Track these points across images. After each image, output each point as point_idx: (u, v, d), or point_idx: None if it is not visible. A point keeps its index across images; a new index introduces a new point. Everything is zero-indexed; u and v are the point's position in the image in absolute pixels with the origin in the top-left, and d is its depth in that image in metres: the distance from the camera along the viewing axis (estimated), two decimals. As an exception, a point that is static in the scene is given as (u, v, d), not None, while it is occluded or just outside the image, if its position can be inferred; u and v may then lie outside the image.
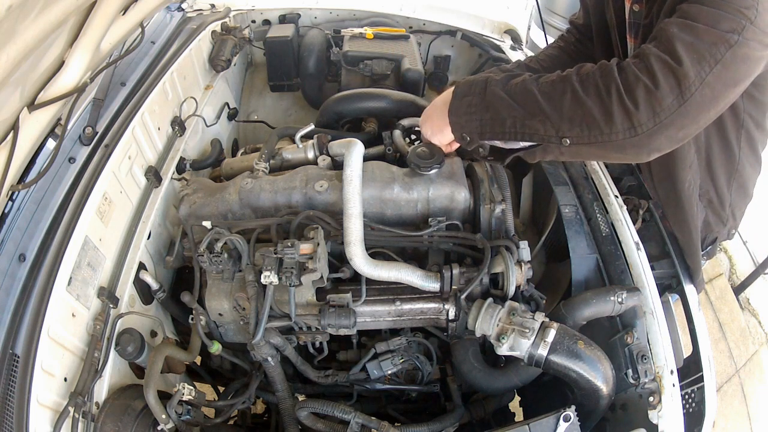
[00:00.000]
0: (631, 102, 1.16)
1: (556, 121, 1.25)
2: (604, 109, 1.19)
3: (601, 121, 1.20)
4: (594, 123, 1.21)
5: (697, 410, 1.53)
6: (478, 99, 1.37)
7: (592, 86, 1.20)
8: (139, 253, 1.69)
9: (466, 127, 1.42)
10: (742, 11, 1.18)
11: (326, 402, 1.56)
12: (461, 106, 1.42)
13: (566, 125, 1.24)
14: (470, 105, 1.39)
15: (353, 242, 1.54)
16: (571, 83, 1.22)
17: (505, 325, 1.44)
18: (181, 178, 2.00)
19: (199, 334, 1.60)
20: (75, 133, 1.67)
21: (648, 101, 1.16)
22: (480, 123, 1.37)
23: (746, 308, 4.12)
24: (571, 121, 1.24)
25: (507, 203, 1.70)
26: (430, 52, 2.98)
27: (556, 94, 1.23)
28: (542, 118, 1.26)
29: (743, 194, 1.82)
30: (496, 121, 1.34)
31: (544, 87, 1.26)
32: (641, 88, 1.16)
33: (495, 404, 1.78)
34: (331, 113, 2.21)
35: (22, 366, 1.22)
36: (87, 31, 1.39)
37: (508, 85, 1.34)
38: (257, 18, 2.98)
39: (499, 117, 1.33)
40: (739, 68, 1.21)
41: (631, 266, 1.65)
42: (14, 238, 1.40)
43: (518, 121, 1.31)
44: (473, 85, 1.41)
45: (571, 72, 1.26)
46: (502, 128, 1.35)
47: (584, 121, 1.22)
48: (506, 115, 1.32)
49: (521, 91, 1.29)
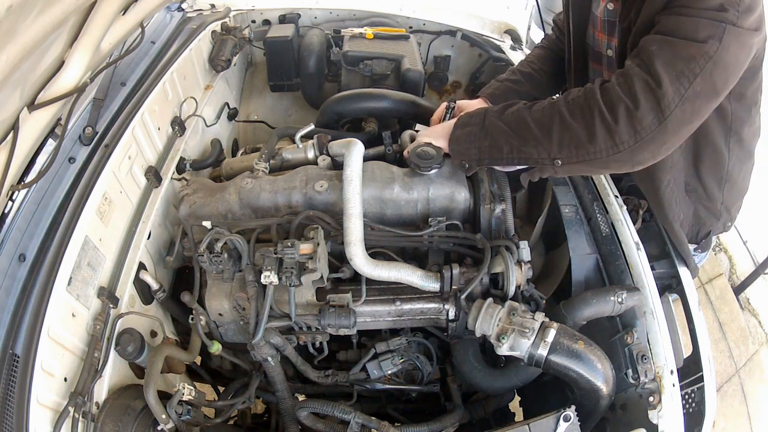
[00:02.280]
0: (613, 121, 1.22)
1: (547, 145, 1.33)
2: (588, 130, 1.26)
3: (585, 141, 1.27)
4: (580, 143, 1.29)
5: (697, 410, 1.53)
6: (477, 128, 1.47)
7: (577, 109, 1.27)
8: (139, 253, 1.69)
9: (465, 155, 1.53)
10: (721, 14, 1.19)
11: (326, 402, 1.56)
12: (461, 135, 1.53)
13: (556, 148, 1.33)
14: (470, 134, 1.49)
15: (353, 242, 1.54)
16: (559, 109, 1.30)
17: (505, 325, 1.44)
18: (181, 178, 2.00)
19: (199, 334, 1.60)
20: (75, 133, 1.67)
21: (628, 121, 1.21)
22: (479, 150, 1.47)
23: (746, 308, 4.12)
24: (560, 144, 1.32)
25: (507, 203, 1.70)
26: (430, 52, 2.98)
27: (546, 120, 1.31)
28: (535, 144, 1.35)
29: (736, 191, 1.81)
30: (494, 148, 1.44)
31: (536, 114, 1.35)
32: (622, 109, 1.21)
33: (495, 404, 1.79)
34: (331, 113, 2.21)
35: (22, 366, 1.22)
36: (87, 31, 1.39)
37: (504, 114, 1.43)
38: (257, 18, 2.98)
39: (496, 145, 1.43)
40: (719, 77, 1.24)
41: (631, 266, 1.65)
42: (14, 238, 1.40)
43: (514, 148, 1.41)
44: (473, 116, 1.52)
45: (560, 99, 1.34)
46: (500, 154, 1.45)
47: (571, 142, 1.30)
48: (503, 142, 1.41)
49: (516, 119, 1.38)
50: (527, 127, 1.35)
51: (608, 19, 1.58)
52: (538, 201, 2.01)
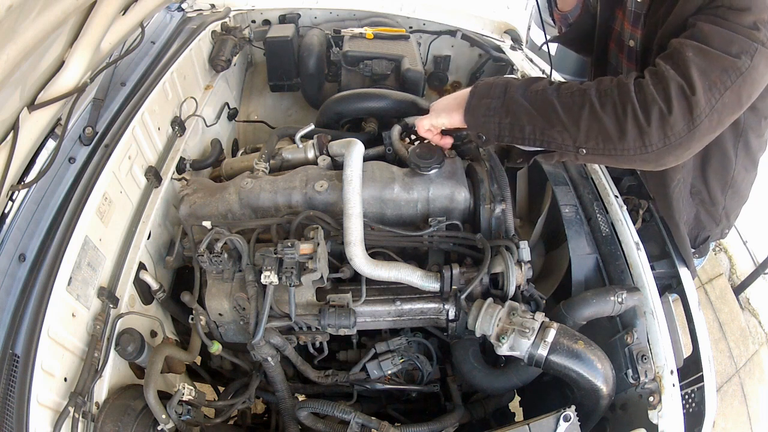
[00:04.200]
0: (645, 122, 1.22)
1: (574, 132, 1.30)
2: (619, 127, 1.24)
3: (615, 137, 1.26)
4: (608, 138, 1.27)
5: (697, 410, 1.53)
6: (497, 103, 1.40)
7: (609, 103, 1.25)
8: (139, 253, 1.69)
9: (483, 128, 1.45)
10: (754, 33, 1.21)
11: (326, 402, 1.56)
12: (479, 106, 1.44)
13: (583, 137, 1.30)
14: (489, 108, 1.41)
15: (353, 242, 1.54)
16: (590, 98, 1.26)
17: (505, 325, 1.44)
18: (181, 178, 2.00)
19: (199, 334, 1.60)
20: (75, 133, 1.66)
21: (660, 125, 1.22)
22: (499, 126, 1.41)
23: (746, 308, 4.12)
24: (587, 134, 1.29)
25: (507, 203, 1.70)
26: (430, 52, 2.98)
27: (575, 108, 1.28)
28: (560, 129, 1.32)
29: (738, 198, 1.84)
30: (516, 127, 1.38)
31: (564, 98, 1.30)
32: (656, 111, 1.21)
33: (495, 404, 1.79)
34: (331, 113, 2.21)
35: (22, 366, 1.22)
36: (87, 31, 1.39)
37: (528, 91, 1.36)
38: (257, 18, 2.98)
39: (518, 123, 1.37)
40: (746, 92, 1.26)
41: (631, 266, 1.65)
42: (14, 238, 1.40)
43: (537, 129, 1.36)
44: (493, 87, 1.42)
45: (590, 86, 1.29)
46: (521, 134, 1.39)
47: (600, 135, 1.28)
48: (526, 122, 1.36)
49: (541, 100, 1.33)
50: (554, 110, 1.30)
51: (635, 10, 1.59)
52: (538, 201, 2.01)
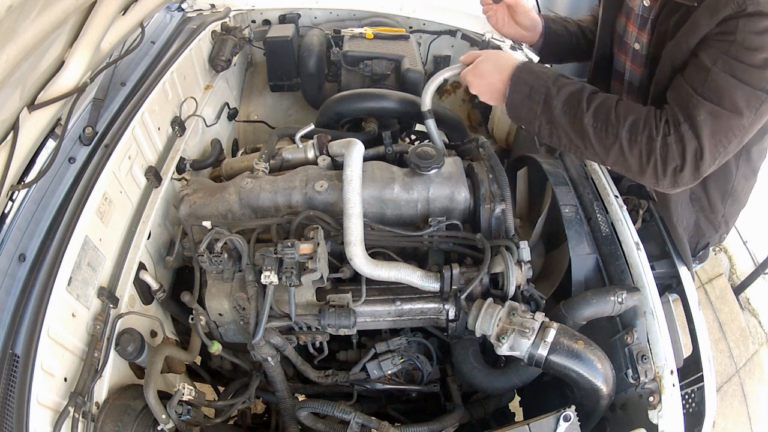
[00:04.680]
0: (662, 172, 1.44)
1: (602, 158, 1.53)
2: (641, 167, 1.46)
3: (635, 172, 1.49)
4: (629, 171, 1.51)
5: (697, 410, 1.53)
6: (538, 108, 1.52)
7: (636, 149, 1.43)
8: (139, 253, 1.69)
9: (524, 123, 1.60)
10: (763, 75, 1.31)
11: (326, 402, 1.56)
12: (521, 106, 1.56)
13: (609, 162, 1.54)
14: (530, 110, 1.54)
15: (353, 242, 1.54)
16: (620, 138, 1.44)
17: (505, 325, 1.44)
18: (181, 178, 1.99)
19: (199, 334, 1.60)
20: (75, 133, 1.66)
21: (672, 176, 1.44)
22: (539, 129, 1.56)
23: (746, 308, 4.12)
24: (613, 163, 1.52)
25: (507, 203, 1.70)
26: (430, 52, 2.98)
27: (607, 143, 1.46)
28: (592, 153, 1.52)
29: (737, 205, 1.87)
30: (554, 135, 1.55)
31: (598, 131, 1.46)
32: (671, 167, 1.43)
33: (495, 404, 1.78)
34: (331, 113, 2.21)
35: (22, 366, 1.22)
36: (87, 31, 1.39)
37: (566, 106, 1.49)
38: (257, 18, 2.98)
39: (556, 134, 1.54)
40: (747, 137, 1.42)
41: (631, 266, 1.65)
42: (14, 238, 1.40)
43: (572, 146, 1.54)
44: (534, 90, 1.53)
45: (621, 121, 1.43)
46: (558, 143, 1.57)
47: (623, 167, 1.51)
48: (563, 135, 1.53)
49: (579, 124, 1.48)
50: (588, 138, 1.47)
51: (642, 14, 1.61)
52: (538, 201, 2.01)
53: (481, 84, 1.63)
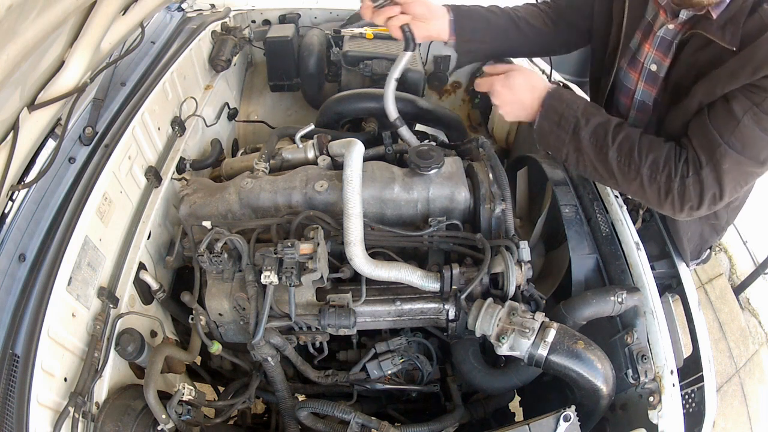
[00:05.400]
0: (679, 209, 1.50)
1: (624, 189, 1.60)
2: (659, 201, 1.52)
3: (654, 204, 1.55)
4: (648, 202, 1.58)
5: (697, 410, 1.53)
6: (567, 137, 1.56)
7: (655, 186, 1.49)
8: (139, 253, 1.69)
9: (550, 148, 1.64)
10: None
11: (326, 402, 1.56)
12: (550, 134, 1.59)
13: (629, 193, 1.61)
14: (559, 138, 1.58)
15: (353, 242, 1.54)
16: (641, 174, 1.49)
17: (505, 325, 1.44)
18: (181, 178, 1.99)
19: (199, 334, 1.60)
20: (75, 133, 1.66)
21: (689, 211, 1.50)
22: (566, 156, 1.60)
23: (746, 308, 4.12)
24: (633, 194, 1.60)
25: (507, 203, 1.70)
26: (430, 52, 2.97)
27: (629, 177, 1.52)
28: (614, 183, 1.59)
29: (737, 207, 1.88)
30: (580, 163, 1.60)
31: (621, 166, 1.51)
32: (688, 206, 1.48)
33: (495, 404, 1.79)
34: (331, 113, 2.21)
35: (22, 366, 1.22)
36: (87, 31, 1.39)
37: (593, 138, 1.53)
38: (257, 18, 2.98)
39: (582, 162, 1.59)
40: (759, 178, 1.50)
41: (631, 266, 1.65)
42: (14, 238, 1.40)
43: (597, 175, 1.60)
44: (563, 119, 1.56)
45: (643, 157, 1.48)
46: (583, 170, 1.62)
47: (642, 198, 1.58)
48: (589, 165, 1.58)
49: (603, 159, 1.53)
50: (611, 171, 1.53)
51: (664, 36, 1.57)
52: (538, 201, 2.01)
53: (510, 98, 1.61)
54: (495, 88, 1.62)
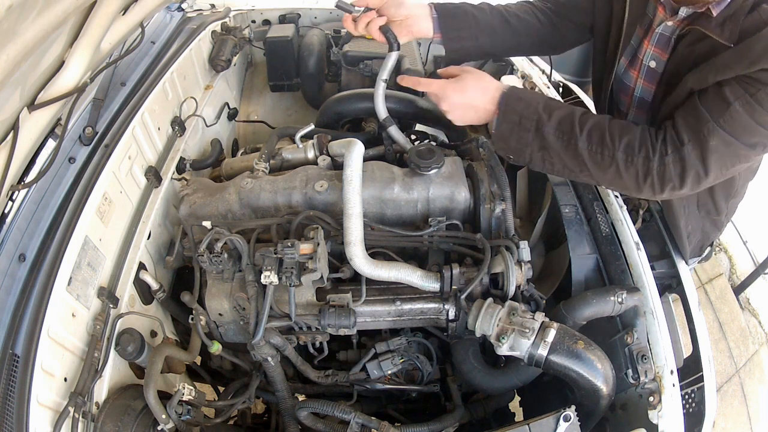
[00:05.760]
0: (660, 190, 1.42)
1: (599, 179, 1.51)
2: (637, 187, 1.45)
3: (632, 190, 1.48)
4: (626, 189, 1.50)
5: (697, 410, 1.53)
6: (530, 136, 1.47)
7: (632, 169, 1.41)
8: (139, 253, 1.69)
9: (512, 152, 1.54)
10: None
11: (326, 402, 1.56)
12: (511, 135, 1.50)
13: (605, 183, 1.54)
14: (521, 139, 1.49)
15: (353, 242, 1.54)
16: (616, 160, 1.41)
17: (505, 325, 1.44)
18: (181, 178, 1.99)
19: (199, 334, 1.60)
20: (75, 133, 1.66)
21: (670, 192, 1.43)
22: (531, 156, 1.51)
23: (746, 308, 4.11)
24: (609, 183, 1.52)
25: (507, 203, 1.70)
26: (430, 52, 2.97)
27: (603, 165, 1.43)
28: (587, 175, 1.49)
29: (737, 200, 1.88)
30: (547, 161, 1.51)
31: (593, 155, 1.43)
32: (669, 186, 1.41)
33: (495, 404, 1.78)
34: (331, 113, 2.21)
35: (22, 366, 1.22)
36: (87, 31, 1.39)
37: (558, 131, 1.45)
38: (257, 18, 2.98)
39: (549, 159, 1.50)
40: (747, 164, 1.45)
41: (631, 266, 1.65)
42: (14, 238, 1.40)
43: (567, 170, 1.51)
44: (523, 118, 1.47)
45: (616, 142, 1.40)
46: (551, 168, 1.53)
47: (619, 186, 1.50)
48: (557, 161, 1.49)
49: (573, 149, 1.44)
50: (583, 162, 1.45)
51: (663, 32, 1.56)
52: (538, 201, 2.01)
53: (461, 101, 1.54)
54: (445, 92, 1.55)
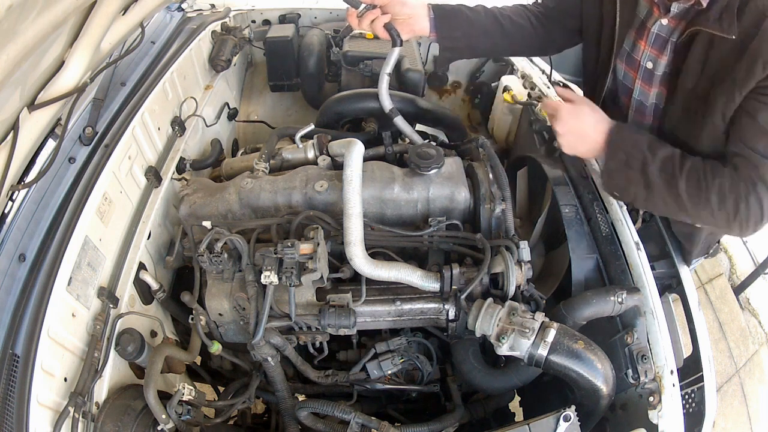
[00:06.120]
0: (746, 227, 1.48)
1: (694, 219, 1.58)
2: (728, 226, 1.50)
3: (722, 227, 1.54)
4: (717, 226, 1.58)
5: (697, 410, 1.53)
6: (637, 177, 1.53)
7: (724, 210, 1.47)
8: (139, 253, 1.69)
9: (618, 190, 1.63)
10: None
11: (326, 402, 1.56)
12: (619, 175, 1.57)
13: (698, 222, 1.62)
14: (629, 179, 1.55)
15: (353, 242, 1.54)
16: (710, 201, 1.47)
17: (505, 325, 1.44)
18: (181, 178, 2.00)
19: (199, 334, 1.60)
20: (75, 133, 1.67)
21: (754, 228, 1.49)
22: (635, 196, 1.58)
23: (746, 308, 4.11)
24: (702, 222, 1.60)
25: (507, 203, 1.70)
26: (430, 52, 2.98)
27: (699, 206, 1.50)
28: (685, 215, 1.56)
29: None
30: (649, 202, 1.58)
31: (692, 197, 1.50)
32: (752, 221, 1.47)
33: (495, 404, 1.79)
34: (331, 113, 2.21)
35: (22, 366, 1.22)
36: (87, 31, 1.39)
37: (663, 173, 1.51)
38: (257, 18, 2.98)
39: (652, 200, 1.56)
40: None
41: (631, 266, 1.65)
42: (14, 238, 1.40)
43: (667, 210, 1.59)
44: (631, 158, 1.54)
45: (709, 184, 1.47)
46: (653, 207, 1.63)
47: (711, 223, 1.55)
48: (659, 201, 1.55)
49: (674, 192, 1.51)
50: (682, 203, 1.51)
51: (659, 33, 1.56)
52: (538, 201, 2.01)
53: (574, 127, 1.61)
54: (561, 114, 1.61)
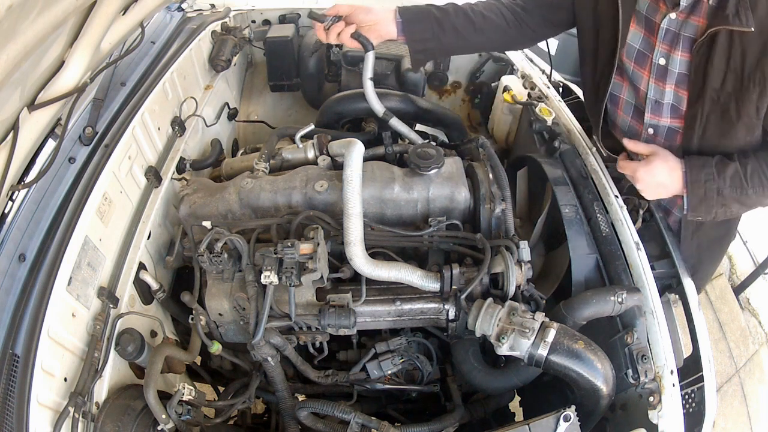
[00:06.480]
0: None
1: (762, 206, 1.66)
2: None
3: None
4: None
5: (697, 410, 1.53)
6: (715, 202, 1.62)
7: None
8: (139, 253, 1.69)
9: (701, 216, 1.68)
10: None
11: (326, 402, 1.56)
12: (701, 206, 1.64)
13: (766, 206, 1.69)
14: (708, 206, 1.63)
15: (353, 242, 1.54)
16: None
17: (505, 325, 1.44)
18: (181, 178, 2.00)
19: (199, 334, 1.60)
20: (75, 133, 1.67)
21: None
22: (715, 215, 1.65)
23: (746, 308, 4.11)
24: None
25: (507, 203, 1.70)
26: (430, 52, 2.98)
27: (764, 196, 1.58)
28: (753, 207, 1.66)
29: None
30: (727, 212, 1.65)
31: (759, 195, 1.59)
32: None
33: (495, 404, 1.79)
34: (331, 113, 2.21)
35: (22, 366, 1.22)
36: (87, 31, 1.39)
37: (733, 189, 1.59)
38: (257, 18, 2.98)
39: (729, 211, 1.65)
40: None
41: (631, 266, 1.65)
42: (14, 238, 1.40)
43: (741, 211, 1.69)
44: (708, 189, 1.61)
45: None
46: (729, 214, 1.67)
47: None
48: (735, 210, 1.65)
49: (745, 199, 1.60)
50: (752, 202, 1.61)
51: (669, 28, 1.55)
52: (538, 201, 2.01)
53: (653, 182, 1.67)
54: (638, 176, 1.68)
